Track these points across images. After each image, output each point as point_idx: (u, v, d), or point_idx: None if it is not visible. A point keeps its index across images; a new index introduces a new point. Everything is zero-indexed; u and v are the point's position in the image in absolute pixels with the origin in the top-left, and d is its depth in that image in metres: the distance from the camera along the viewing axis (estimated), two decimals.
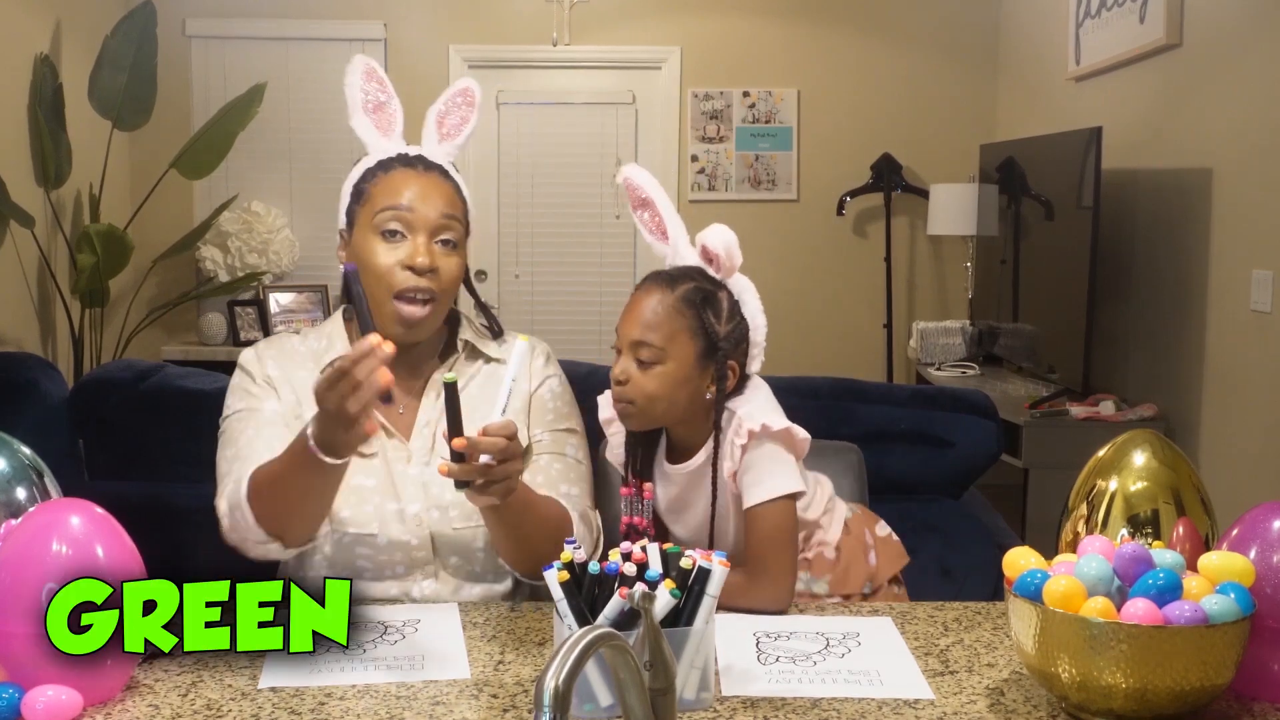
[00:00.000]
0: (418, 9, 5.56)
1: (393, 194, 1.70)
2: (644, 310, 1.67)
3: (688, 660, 1.31)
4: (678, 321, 1.66)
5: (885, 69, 5.62)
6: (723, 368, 1.67)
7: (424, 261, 1.67)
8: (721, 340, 1.67)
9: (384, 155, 1.77)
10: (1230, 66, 3.48)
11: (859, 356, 5.58)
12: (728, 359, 1.68)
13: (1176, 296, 3.78)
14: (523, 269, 5.61)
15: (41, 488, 1.49)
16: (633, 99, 5.64)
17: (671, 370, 1.66)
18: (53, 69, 4.55)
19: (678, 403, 1.68)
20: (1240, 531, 1.36)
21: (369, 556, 1.70)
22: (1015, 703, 1.34)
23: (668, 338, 1.65)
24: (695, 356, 1.66)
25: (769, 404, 1.71)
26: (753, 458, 1.66)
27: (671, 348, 1.65)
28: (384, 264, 1.68)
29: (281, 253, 5.34)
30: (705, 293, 1.68)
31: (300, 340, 1.82)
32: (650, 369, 1.66)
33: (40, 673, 1.27)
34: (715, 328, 1.67)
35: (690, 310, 1.66)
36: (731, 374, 1.69)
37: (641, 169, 1.79)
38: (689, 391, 1.68)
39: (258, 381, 1.77)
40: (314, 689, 1.37)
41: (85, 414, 2.60)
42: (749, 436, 1.66)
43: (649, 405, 1.67)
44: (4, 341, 4.40)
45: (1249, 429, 3.35)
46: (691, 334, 1.66)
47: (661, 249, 1.77)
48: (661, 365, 1.65)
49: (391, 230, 1.69)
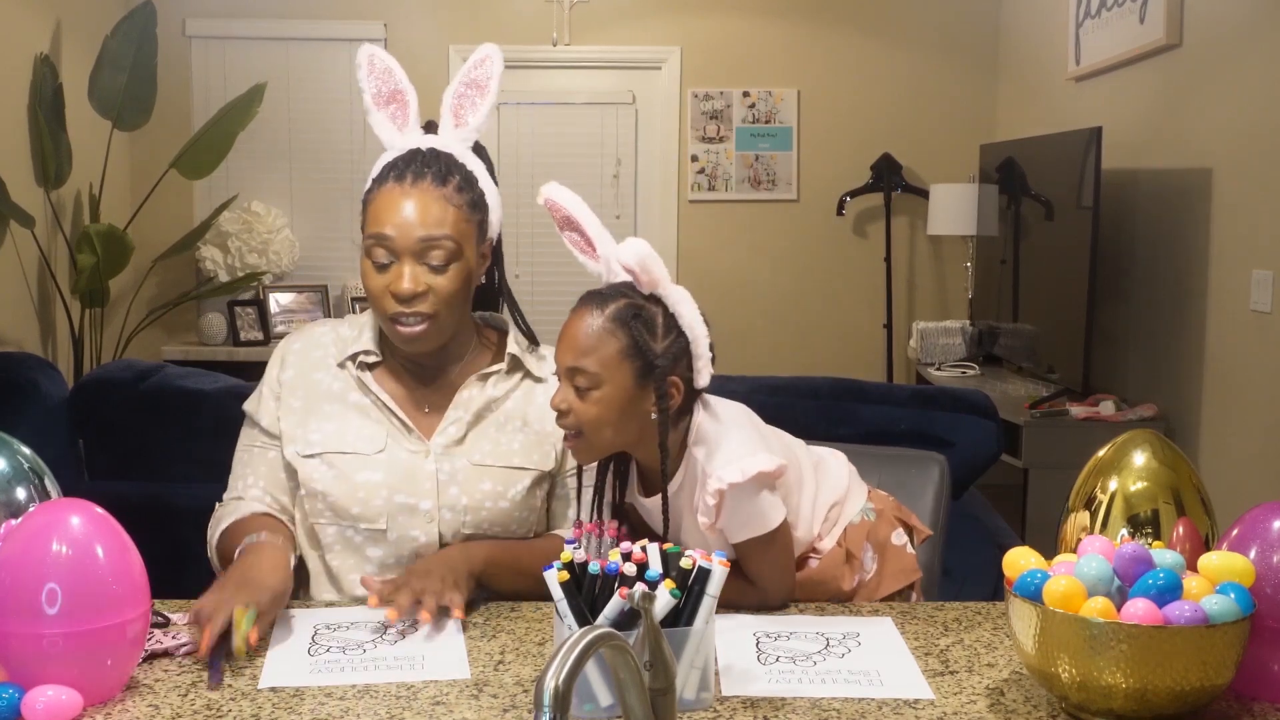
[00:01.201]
0: (418, 9, 5.56)
1: (378, 220, 1.68)
2: (576, 334, 1.58)
3: (688, 660, 1.31)
4: (610, 343, 1.57)
5: (885, 69, 5.62)
6: (663, 385, 1.57)
7: (407, 288, 1.66)
8: (658, 358, 1.56)
9: (386, 160, 1.73)
10: (1230, 66, 3.48)
11: (859, 356, 5.59)
12: (667, 375, 1.57)
13: (1176, 296, 3.78)
14: (523, 269, 5.61)
15: (41, 488, 1.49)
16: (633, 99, 5.64)
17: (610, 394, 1.57)
18: (53, 69, 4.55)
19: (625, 428, 1.59)
20: (1240, 531, 1.36)
21: (377, 557, 1.72)
22: (1015, 703, 1.34)
23: (602, 361, 1.56)
24: (633, 377, 1.57)
25: (741, 446, 1.61)
26: (729, 508, 1.60)
27: (606, 371, 1.56)
28: (374, 288, 1.69)
29: (281, 253, 5.34)
30: (636, 308, 1.58)
31: (332, 329, 1.82)
32: (588, 394, 1.57)
33: (40, 673, 1.27)
34: (650, 345, 1.57)
35: (622, 329, 1.57)
36: (675, 391, 1.59)
37: (561, 187, 1.71)
38: (634, 414, 1.59)
39: (272, 385, 1.79)
40: (314, 689, 1.37)
41: (85, 414, 2.60)
42: (719, 496, 1.59)
43: (595, 434, 1.59)
44: (4, 341, 4.40)
45: (1249, 429, 3.35)
46: (625, 354, 1.56)
47: (595, 267, 1.69)
48: (598, 390, 1.56)
49: (379, 258, 1.68)
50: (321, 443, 1.72)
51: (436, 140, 1.74)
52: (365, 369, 1.76)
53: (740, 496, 1.60)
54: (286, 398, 1.76)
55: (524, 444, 1.77)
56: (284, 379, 1.78)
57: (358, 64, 1.75)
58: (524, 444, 1.77)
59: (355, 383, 1.75)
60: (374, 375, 1.76)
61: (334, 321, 1.84)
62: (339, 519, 1.71)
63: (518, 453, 1.76)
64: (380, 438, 1.73)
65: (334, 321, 1.84)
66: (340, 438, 1.72)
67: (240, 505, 1.75)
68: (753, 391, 2.64)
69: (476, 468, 1.73)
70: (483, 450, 1.74)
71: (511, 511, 1.74)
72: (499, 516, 1.73)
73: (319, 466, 1.71)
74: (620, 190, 5.63)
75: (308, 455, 1.72)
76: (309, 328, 1.84)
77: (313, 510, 1.72)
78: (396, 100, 1.75)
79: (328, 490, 1.70)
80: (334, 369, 1.76)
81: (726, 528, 1.63)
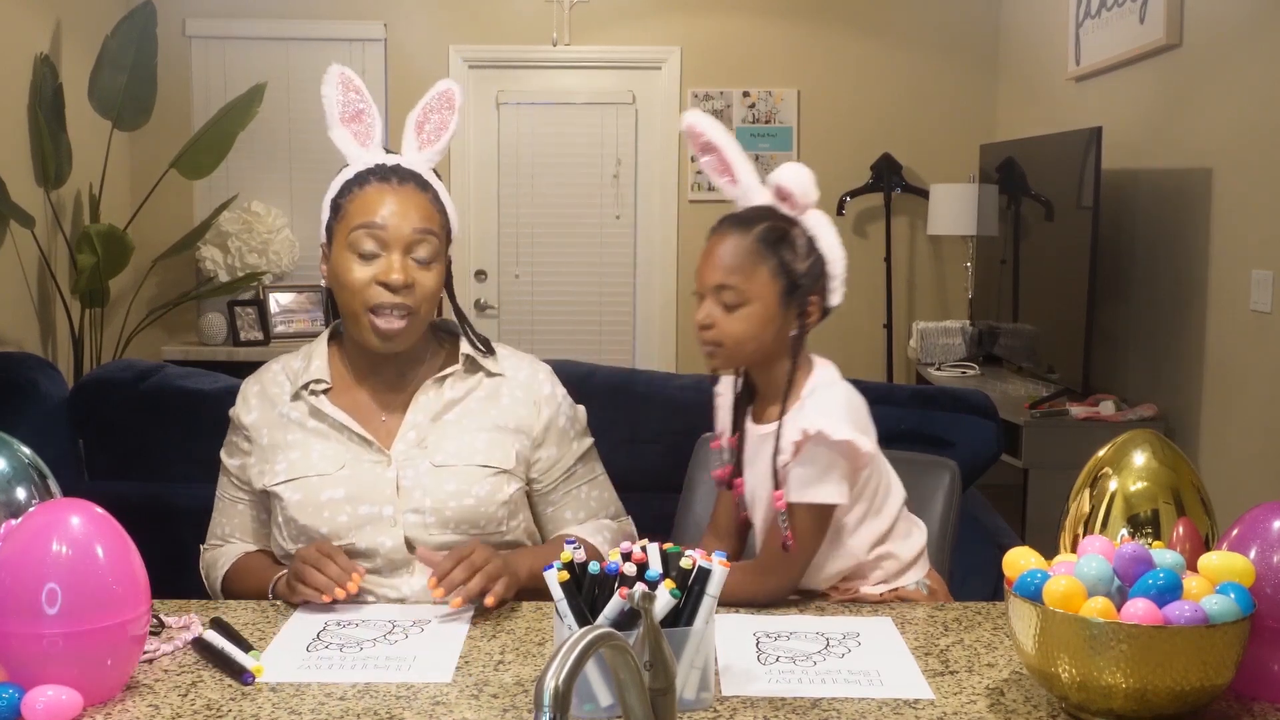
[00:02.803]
0: (418, 9, 5.56)
1: (366, 211, 1.72)
2: (723, 254, 1.69)
3: (688, 660, 1.31)
4: (758, 263, 1.68)
5: (885, 69, 5.62)
6: (804, 304, 1.70)
7: (398, 278, 1.70)
8: (802, 277, 1.69)
9: (360, 168, 1.77)
10: (1230, 66, 3.48)
11: (859, 356, 5.58)
12: (809, 295, 1.70)
13: (1176, 296, 3.78)
14: (523, 269, 5.60)
15: (42, 488, 1.49)
16: (633, 99, 5.64)
17: (757, 310, 1.68)
18: (53, 69, 4.55)
19: (765, 344, 1.70)
20: (1240, 531, 1.36)
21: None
22: (1015, 703, 1.34)
23: (750, 280, 1.68)
24: (778, 295, 1.69)
25: (841, 410, 1.69)
26: (805, 456, 1.66)
27: (754, 288, 1.68)
28: (359, 279, 1.71)
29: (281, 253, 5.34)
30: (780, 231, 1.70)
31: (282, 365, 1.87)
32: (735, 311, 1.68)
33: (40, 673, 1.27)
34: (794, 265, 1.69)
35: (768, 250, 1.68)
36: (815, 309, 1.72)
37: (702, 114, 1.79)
38: (774, 330, 1.70)
39: (241, 434, 1.84)
40: (314, 689, 1.37)
41: (85, 414, 2.60)
42: (803, 436, 1.66)
43: (737, 347, 1.70)
44: (4, 341, 4.40)
45: (1249, 429, 3.35)
46: (772, 274, 1.68)
47: (731, 191, 1.78)
48: (747, 306, 1.68)
49: (366, 248, 1.72)
50: (287, 470, 1.77)
51: (401, 159, 1.79)
52: (317, 395, 1.80)
53: (819, 450, 1.66)
54: (256, 439, 1.82)
55: (488, 441, 1.79)
56: (249, 422, 1.83)
57: (326, 79, 1.79)
58: (488, 441, 1.79)
59: (309, 411, 1.79)
60: (328, 398, 1.80)
61: (285, 357, 1.89)
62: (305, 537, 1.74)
63: (481, 450, 1.78)
64: (340, 456, 1.76)
65: (285, 357, 1.89)
66: (305, 462, 1.77)
67: (230, 549, 1.84)
68: None
69: (438, 469, 1.75)
70: (445, 451, 1.77)
71: (479, 509, 1.75)
72: (466, 514, 1.75)
73: (287, 491, 1.75)
74: (620, 190, 5.63)
75: (276, 483, 1.76)
76: (263, 369, 1.89)
77: (290, 536, 1.76)
78: (359, 120, 1.79)
79: (296, 515, 1.74)
80: (288, 403, 1.81)
81: (790, 475, 1.68)
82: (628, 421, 2.48)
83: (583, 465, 1.90)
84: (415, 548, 1.73)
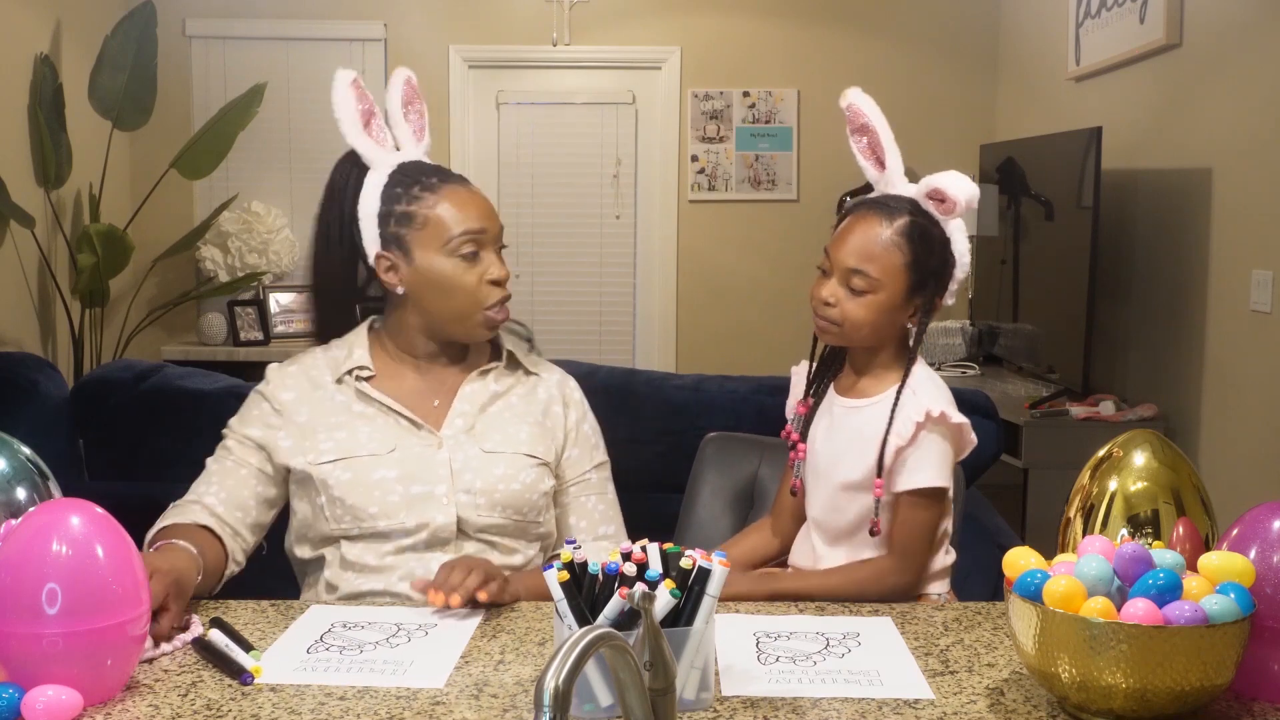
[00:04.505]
0: (418, 9, 5.56)
1: (462, 217, 1.78)
2: (863, 239, 1.71)
3: (688, 660, 1.31)
4: (895, 255, 1.70)
5: (885, 69, 5.62)
6: (929, 302, 1.72)
7: (506, 272, 1.82)
8: (931, 276, 1.71)
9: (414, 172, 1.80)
10: (1230, 66, 3.47)
11: None
12: (934, 295, 1.73)
13: (1176, 296, 3.78)
14: (523, 269, 5.60)
15: (42, 488, 1.49)
16: (633, 99, 5.64)
17: (883, 300, 1.70)
18: (53, 69, 4.55)
19: (879, 331, 1.73)
20: (1240, 531, 1.36)
21: (391, 552, 1.74)
22: (1015, 703, 1.34)
23: (884, 270, 1.70)
24: (905, 288, 1.71)
25: (943, 395, 1.73)
26: (923, 439, 1.69)
27: (886, 279, 1.70)
28: (470, 283, 1.78)
29: (281, 253, 5.34)
30: (922, 228, 1.71)
31: (321, 353, 1.87)
32: (861, 297, 1.70)
33: (40, 673, 1.27)
34: (928, 263, 1.71)
35: (909, 245, 1.70)
36: (935, 306, 1.74)
37: (865, 96, 1.82)
38: (892, 319, 1.73)
39: (270, 407, 1.82)
40: (314, 689, 1.37)
41: (85, 414, 2.60)
42: (926, 418, 1.68)
43: (854, 330, 1.72)
44: (4, 341, 4.40)
45: (1249, 429, 3.35)
46: (906, 268, 1.70)
47: (874, 175, 1.80)
48: (873, 294, 1.70)
49: (467, 251, 1.78)
50: (334, 450, 1.76)
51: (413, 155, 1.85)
52: (361, 381, 1.81)
53: (935, 436, 1.69)
54: (291, 415, 1.80)
55: (530, 434, 1.84)
56: (285, 399, 1.82)
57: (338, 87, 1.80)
58: (530, 434, 1.84)
59: (355, 395, 1.80)
60: (371, 385, 1.81)
61: (318, 348, 1.89)
62: (359, 522, 1.74)
63: (525, 441, 1.83)
64: (390, 439, 1.78)
65: (318, 348, 1.89)
66: (353, 442, 1.77)
67: (190, 509, 1.76)
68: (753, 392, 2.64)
69: (487, 454, 1.79)
70: (493, 439, 1.81)
71: (524, 494, 1.79)
72: (512, 499, 1.78)
73: (335, 470, 1.75)
74: (620, 190, 5.63)
75: (324, 462, 1.75)
76: (296, 356, 1.89)
77: (333, 518, 1.75)
78: (372, 120, 1.83)
79: (344, 495, 1.73)
80: (332, 386, 1.81)
81: (901, 469, 1.69)
82: (628, 421, 2.48)
83: (597, 475, 1.93)
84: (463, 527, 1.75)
